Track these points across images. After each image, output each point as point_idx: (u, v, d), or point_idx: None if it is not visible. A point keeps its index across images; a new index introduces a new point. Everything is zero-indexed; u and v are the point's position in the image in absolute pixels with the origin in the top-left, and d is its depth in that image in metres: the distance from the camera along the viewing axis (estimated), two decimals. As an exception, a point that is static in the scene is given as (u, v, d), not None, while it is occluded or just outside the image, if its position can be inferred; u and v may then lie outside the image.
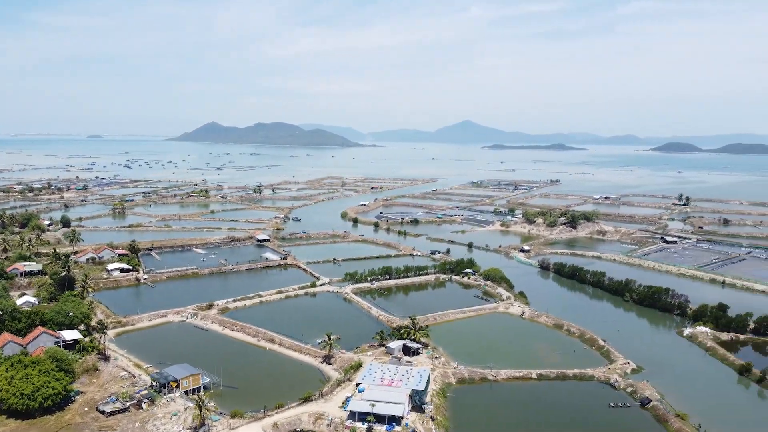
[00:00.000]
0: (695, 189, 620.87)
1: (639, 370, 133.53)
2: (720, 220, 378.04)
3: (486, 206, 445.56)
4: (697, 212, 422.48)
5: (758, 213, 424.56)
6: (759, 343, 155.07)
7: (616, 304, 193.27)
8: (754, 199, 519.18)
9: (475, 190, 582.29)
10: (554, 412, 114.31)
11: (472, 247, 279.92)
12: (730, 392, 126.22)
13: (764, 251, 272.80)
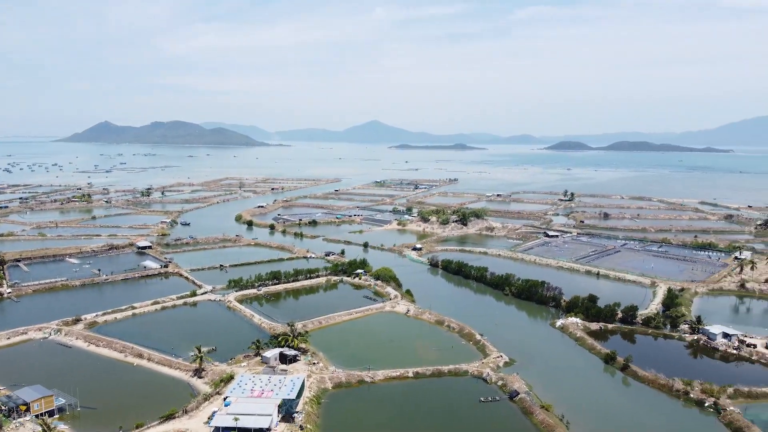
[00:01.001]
0: (581, 185, 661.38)
1: (511, 362, 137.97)
2: (600, 214, 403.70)
3: (387, 205, 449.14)
4: (580, 207, 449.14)
5: (636, 207, 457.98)
6: (626, 332, 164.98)
7: (498, 297, 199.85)
8: (633, 193, 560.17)
9: (377, 190, 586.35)
10: (426, 409, 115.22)
11: (368, 246, 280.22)
12: (595, 380, 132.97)
13: (638, 243, 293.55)
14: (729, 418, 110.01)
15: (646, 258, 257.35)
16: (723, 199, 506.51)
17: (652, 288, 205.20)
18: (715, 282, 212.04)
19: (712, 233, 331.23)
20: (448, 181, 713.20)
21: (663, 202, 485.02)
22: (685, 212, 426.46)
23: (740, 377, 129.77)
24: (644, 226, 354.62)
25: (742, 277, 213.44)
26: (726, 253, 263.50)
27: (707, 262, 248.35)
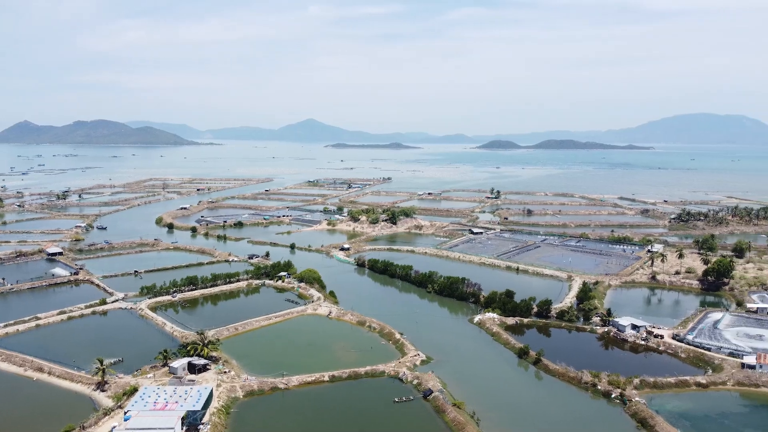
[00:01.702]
0: (509, 183, 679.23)
1: (428, 360, 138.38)
2: (524, 210, 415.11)
3: (318, 205, 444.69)
4: (506, 204, 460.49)
5: (559, 203, 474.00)
6: (541, 326, 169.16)
7: (421, 295, 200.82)
8: (557, 190, 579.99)
9: (309, 189, 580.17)
10: (340, 413, 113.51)
11: (295, 248, 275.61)
12: (508, 375, 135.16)
13: (557, 238, 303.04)
14: (634, 408, 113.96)
15: (565, 253, 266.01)
16: (641, 195, 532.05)
17: (568, 282, 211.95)
18: (628, 275, 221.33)
19: (628, 227, 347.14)
20: (381, 180, 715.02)
21: (584, 198, 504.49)
22: (604, 207, 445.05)
23: (648, 368, 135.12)
24: (565, 222, 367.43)
25: (653, 270, 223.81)
26: (640, 246, 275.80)
27: (622, 255, 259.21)
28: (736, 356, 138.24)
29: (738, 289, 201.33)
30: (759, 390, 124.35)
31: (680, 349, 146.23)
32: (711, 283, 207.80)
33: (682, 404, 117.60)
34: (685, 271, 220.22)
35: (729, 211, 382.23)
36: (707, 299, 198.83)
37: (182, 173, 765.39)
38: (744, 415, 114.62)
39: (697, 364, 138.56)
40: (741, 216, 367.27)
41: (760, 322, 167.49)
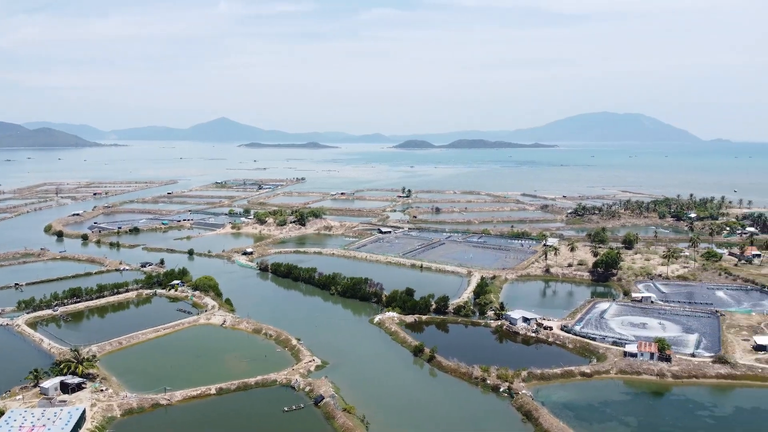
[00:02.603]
0: (421, 182, 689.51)
1: (324, 365, 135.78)
2: (433, 209, 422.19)
3: (224, 208, 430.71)
4: (417, 203, 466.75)
5: (465, 201, 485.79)
6: (439, 322, 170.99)
7: (325, 298, 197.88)
8: (465, 188, 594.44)
9: (217, 191, 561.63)
10: (226, 427, 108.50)
11: (193, 254, 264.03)
12: (403, 374, 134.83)
13: (460, 235, 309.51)
14: (520, 401, 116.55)
15: (468, 249, 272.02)
16: (542, 191, 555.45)
17: (468, 277, 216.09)
18: (524, 268, 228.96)
19: (528, 223, 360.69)
20: (295, 180, 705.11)
21: (490, 196, 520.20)
22: (507, 204, 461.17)
23: (537, 359, 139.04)
24: (470, 219, 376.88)
25: (547, 263, 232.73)
26: (537, 241, 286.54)
27: (520, 250, 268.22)
28: (620, 345, 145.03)
29: (625, 279, 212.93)
30: (640, 377, 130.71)
31: (568, 339, 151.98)
32: (600, 275, 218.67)
33: (567, 394, 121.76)
34: (577, 264, 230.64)
35: (621, 205, 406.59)
36: (597, 290, 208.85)
37: (80, 177, 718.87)
38: (625, 403, 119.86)
39: (584, 354, 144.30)
40: (632, 209, 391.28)
41: (644, 310, 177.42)
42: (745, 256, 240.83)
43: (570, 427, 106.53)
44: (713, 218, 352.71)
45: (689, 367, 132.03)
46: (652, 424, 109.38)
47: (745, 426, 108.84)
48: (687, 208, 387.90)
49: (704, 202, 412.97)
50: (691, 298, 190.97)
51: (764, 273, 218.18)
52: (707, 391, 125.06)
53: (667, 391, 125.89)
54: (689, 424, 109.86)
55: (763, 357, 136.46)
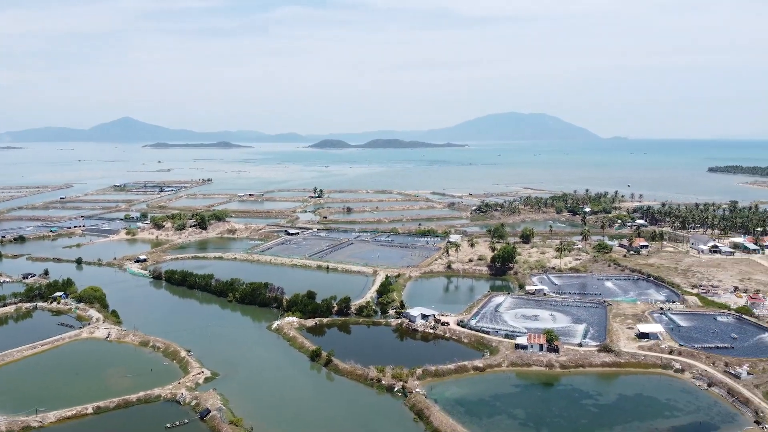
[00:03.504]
0: (335, 181, 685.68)
1: (214, 377, 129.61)
2: (344, 208, 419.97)
3: (121, 212, 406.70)
4: (329, 203, 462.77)
5: (377, 200, 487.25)
6: (341, 324, 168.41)
7: (223, 305, 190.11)
8: (378, 187, 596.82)
9: (115, 195, 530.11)
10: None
11: (82, 263, 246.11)
12: (299, 381, 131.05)
13: (369, 234, 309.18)
14: (413, 400, 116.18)
15: (375, 248, 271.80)
16: (451, 189, 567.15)
17: (373, 276, 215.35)
18: (427, 265, 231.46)
19: (435, 220, 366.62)
20: (201, 181, 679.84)
21: (401, 194, 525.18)
22: (417, 202, 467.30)
23: (434, 356, 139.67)
24: (380, 218, 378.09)
25: (449, 260, 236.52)
26: (442, 238, 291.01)
27: (425, 247, 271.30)
28: (512, 338, 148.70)
29: (521, 272, 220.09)
30: (530, 369, 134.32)
31: (464, 334, 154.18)
32: (498, 269, 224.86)
33: (460, 390, 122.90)
34: (477, 259, 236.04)
35: (521, 201, 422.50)
36: (495, 284, 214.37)
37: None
38: (515, 395, 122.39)
39: (478, 348, 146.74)
40: (532, 205, 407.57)
41: (537, 302, 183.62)
42: (634, 247, 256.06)
43: (460, 423, 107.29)
44: (606, 212, 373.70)
45: (576, 356, 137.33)
46: (538, 416, 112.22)
47: (627, 413, 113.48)
48: (582, 202, 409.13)
49: (598, 197, 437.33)
50: (582, 289, 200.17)
51: (651, 263, 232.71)
52: (593, 380, 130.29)
53: (556, 381, 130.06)
54: (574, 413, 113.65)
55: (646, 344, 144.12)
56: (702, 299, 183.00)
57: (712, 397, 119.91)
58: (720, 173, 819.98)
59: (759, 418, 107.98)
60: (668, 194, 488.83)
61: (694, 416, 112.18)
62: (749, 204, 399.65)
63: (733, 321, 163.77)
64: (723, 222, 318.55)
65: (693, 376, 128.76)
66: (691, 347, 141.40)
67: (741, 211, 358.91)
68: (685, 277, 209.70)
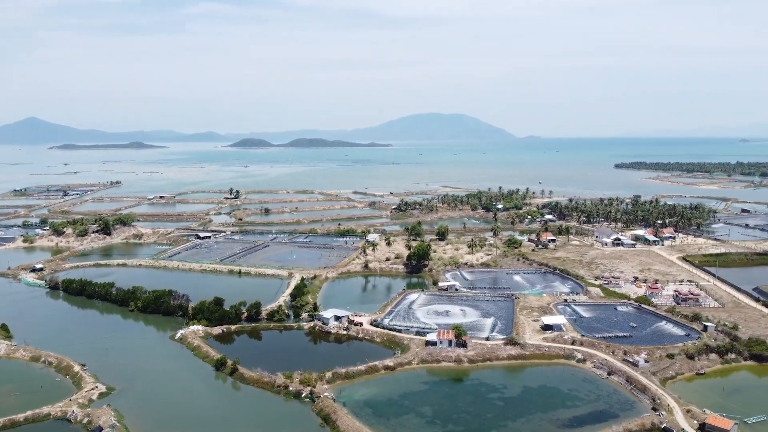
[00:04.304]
0: (254, 182, 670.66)
1: (109, 392, 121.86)
2: (262, 210, 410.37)
3: (20, 219, 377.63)
4: (246, 204, 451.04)
5: (298, 200, 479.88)
6: (250, 330, 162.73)
7: (124, 315, 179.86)
8: (299, 187, 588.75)
9: (14, 200, 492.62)
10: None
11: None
12: (202, 392, 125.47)
13: (286, 235, 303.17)
14: (321, 405, 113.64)
15: (293, 249, 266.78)
16: (373, 188, 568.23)
17: (288, 279, 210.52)
18: (345, 266, 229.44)
19: (356, 220, 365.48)
20: (109, 184, 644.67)
21: (323, 194, 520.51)
22: (339, 202, 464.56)
23: (347, 358, 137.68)
24: (299, 219, 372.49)
25: (366, 259, 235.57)
26: (361, 237, 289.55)
27: (344, 247, 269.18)
28: (423, 334, 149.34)
29: (436, 269, 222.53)
30: (440, 365, 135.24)
31: (376, 333, 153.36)
32: (414, 266, 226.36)
33: (370, 391, 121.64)
34: (394, 257, 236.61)
35: (439, 199, 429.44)
36: (411, 281, 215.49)
37: None
38: (423, 393, 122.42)
39: (390, 347, 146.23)
40: (449, 203, 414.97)
41: (450, 298, 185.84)
42: (542, 242, 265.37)
43: (367, 425, 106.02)
44: (518, 208, 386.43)
45: (484, 350, 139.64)
46: (445, 412, 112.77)
47: (531, 405, 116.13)
48: (496, 200, 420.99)
49: (511, 194, 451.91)
50: (493, 283, 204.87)
51: (557, 256, 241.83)
52: (500, 374, 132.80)
53: (465, 376, 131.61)
54: (480, 408, 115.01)
55: (550, 336, 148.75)
56: (604, 290, 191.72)
57: (612, 386, 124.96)
58: (625, 169, 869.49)
59: (656, 405, 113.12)
60: (576, 190, 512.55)
61: (595, 405, 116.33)
62: (651, 198, 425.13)
63: (632, 310, 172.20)
64: (626, 216, 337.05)
65: (594, 365, 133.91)
66: (592, 337, 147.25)
67: (643, 205, 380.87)
68: (589, 269, 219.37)
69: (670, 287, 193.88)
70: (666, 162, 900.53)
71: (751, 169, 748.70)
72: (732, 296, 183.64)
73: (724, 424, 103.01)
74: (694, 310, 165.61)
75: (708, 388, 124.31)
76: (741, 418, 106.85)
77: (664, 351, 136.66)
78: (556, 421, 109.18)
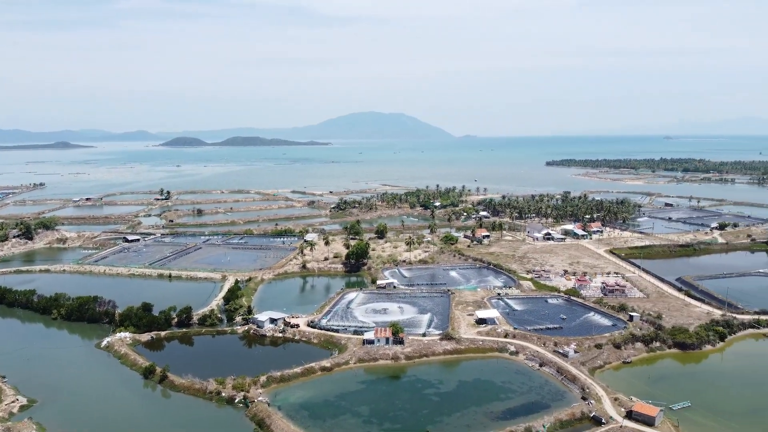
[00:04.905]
0: (186, 182, 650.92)
1: (30, 404, 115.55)
2: (195, 210, 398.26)
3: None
4: (177, 205, 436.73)
5: (233, 200, 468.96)
6: (181, 336, 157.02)
7: (47, 323, 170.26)
8: (234, 187, 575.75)
9: None
10: None
11: None
12: (130, 401, 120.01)
13: (220, 237, 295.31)
14: (254, 410, 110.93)
15: (227, 251, 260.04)
16: (312, 187, 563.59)
17: (222, 282, 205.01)
18: (281, 267, 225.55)
19: (294, 219, 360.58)
20: (32, 186, 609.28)
21: (259, 194, 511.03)
22: (276, 202, 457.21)
23: (283, 360, 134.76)
24: (234, 219, 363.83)
25: (304, 259, 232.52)
26: (299, 237, 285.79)
27: (281, 248, 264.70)
28: (360, 333, 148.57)
29: (374, 267, 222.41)
30: (377, 363, 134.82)
31: (314, 335, 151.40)
32: (353, 265, 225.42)
33: (306, 393, 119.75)
34: (333, 257, 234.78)
35: (379, 198, 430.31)
36: (350, 280, 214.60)
37: None
38: (360, 392, 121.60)
39: (328, 348, 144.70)
40: (388, 201, 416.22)
41: (388, 296, 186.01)
42: (477, 238, 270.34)
43: (303, 428, 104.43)
44: (454, 205, 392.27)
45: (420, 347, 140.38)
46: (382, 411, 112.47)
47: (466, 399, 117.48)
48: (433, 197, 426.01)
49: (448, 192, 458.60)
50: (430, 279, 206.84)
51: (492, 251, 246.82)
52: (436, 369, 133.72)
53: (402, 373, 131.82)
54: (416, 405, 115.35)
55: (484, 330, 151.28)
56: (536, 283, 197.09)
57: (544, 377, 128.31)
58: (556, 166, 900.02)
59: (585, 394, 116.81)
60: (509, 187, 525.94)
61: (527, 397, 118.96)
62: (579, 194, 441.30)
63: (562, 303, 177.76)
64: (556, 211, 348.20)
65: (526, 357, 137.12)
66: (524, 330, 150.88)
67: (572, 201, 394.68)
68: (521, 263, 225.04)
69: (597, 279, 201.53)
70: (594, 159, 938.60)
71: (674, 165, 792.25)
72: (656, 287, 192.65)
73: (650, 410, 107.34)
74: (620, 301, 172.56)
75: (634, 376, 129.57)
76: (666, 405, 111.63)
77: (593, 341, 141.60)
78: (490, 414, 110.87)
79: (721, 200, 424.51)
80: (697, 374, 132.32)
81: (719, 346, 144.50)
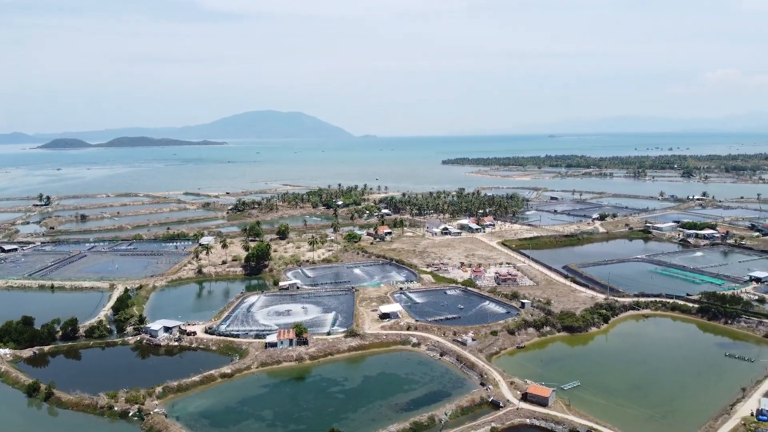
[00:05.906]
0: (68, 186, 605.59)
1: None
2: (78, 216, 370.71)
3: None
4: (59, 211, 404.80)
5: (120, 204, 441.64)
6: (67, 350, 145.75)
7: None
8: (121, 190, 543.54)
9: None
10: None
11: None
12: (14, 421, 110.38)
13: (107, 243, 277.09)
14: (150, 423, 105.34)
15: (114, 258, 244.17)
16: (206, 188, 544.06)
17: (110, 291, 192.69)
18: (175, 273, 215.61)
19: (188, 222, 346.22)
20: None
21: (149, 197, 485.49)
22: (168, 204, 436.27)
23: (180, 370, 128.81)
24: (122, 224, 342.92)
25: (200, 264, 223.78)
26: (194, 241, 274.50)
27: (174, 253, 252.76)
28: (262, 337, 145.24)
29: (277, 269, 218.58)
30: (281, 366, 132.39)
31: (212, 341, 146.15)
32: (254, 268, 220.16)
33: (206, 402, 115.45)
34: (231, 260, 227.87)
35: (279, 198, 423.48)
36: (251, 283, 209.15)
37: None
38: (264, 396, 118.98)
39: (228, 354, 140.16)
40: (289, 201, 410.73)
41: (292, 297, 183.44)
42: (379, 235, 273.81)
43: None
44: (357, 204, 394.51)
45: (325, 345, 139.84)
46: (287, 413, 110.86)
47: (371, 393, 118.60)
48: (336, 196, 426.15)
49: (350, 191, 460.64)
50: (335, 278, 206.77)
51: (394, 248, 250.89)
52: (341, 367, 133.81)
53: (307, 373, 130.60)
54: (321, 403, 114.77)
55: (387, 324, 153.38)
56: (435, 276, 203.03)
57: (445, 366, 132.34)
58: (451, 165, 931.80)
59: (483, 380, 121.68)
60: (409, 185, 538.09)
61: (429, 386, 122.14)
62: (473, 190, 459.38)
63: (460, 293, 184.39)
64: (452, 207, 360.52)
65: (428, 348, 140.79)
66: (425, 321, 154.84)
67: (466, 197, 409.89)
68: (421, 257, 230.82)
69: (491, 270, 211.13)
70: (486, 158, 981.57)
71: (558, 162, 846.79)
72: (545, 275, 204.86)
73: (544, 392, 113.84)
74: (512, 290, 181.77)
75: (528, 360, 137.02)
76: (558, 385, 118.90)
77: (489, 329, 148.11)
78: (394, 407, 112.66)
79: (601, 193, 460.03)
80: (584, 355, 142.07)
81: (603, 328, 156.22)
